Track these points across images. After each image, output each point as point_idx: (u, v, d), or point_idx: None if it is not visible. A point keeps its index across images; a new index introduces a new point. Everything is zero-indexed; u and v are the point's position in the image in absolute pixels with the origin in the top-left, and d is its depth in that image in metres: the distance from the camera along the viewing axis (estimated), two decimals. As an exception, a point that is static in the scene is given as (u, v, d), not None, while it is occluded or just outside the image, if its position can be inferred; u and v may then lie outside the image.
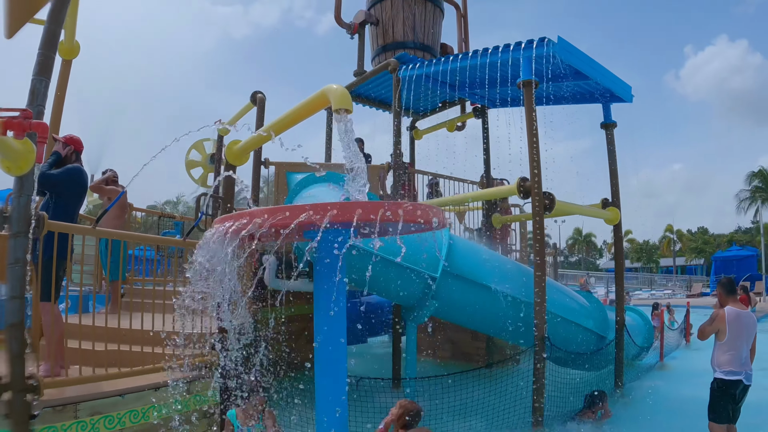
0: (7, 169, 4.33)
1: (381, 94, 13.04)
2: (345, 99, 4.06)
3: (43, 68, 4.74)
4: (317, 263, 3.75)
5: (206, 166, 13.52)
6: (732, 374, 6.21)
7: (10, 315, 4.52)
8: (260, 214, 3.14)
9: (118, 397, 5.29)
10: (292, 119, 5.16)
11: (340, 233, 3.49)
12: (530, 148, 7.62)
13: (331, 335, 3.77)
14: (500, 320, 7.67)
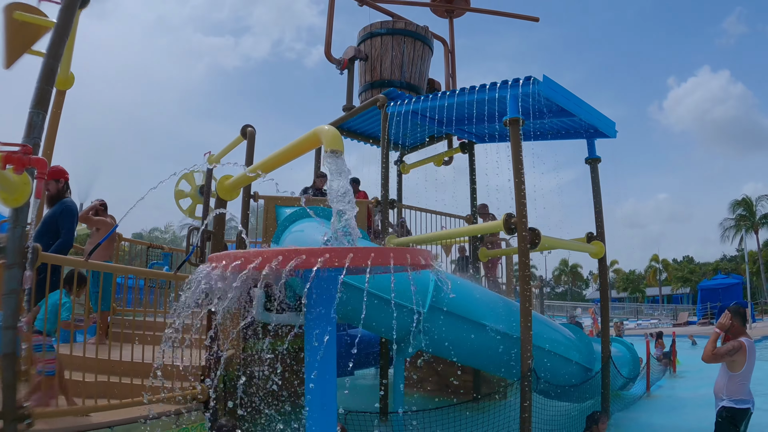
0: (4, 201, 4.46)
1: (368, 128, 13.23)
2: (336, 140, 4.18)
3: (41, 101, 4.88)
4: (309, 303, 3.83)
5: (195, 197, 13.57)
6: (742, 403, 6.28)
7: (4, 345, 4.57)
8: (255, 257, 3.23)
9: (108, 429, 5.32)
10: (283, 158, 5.28)
11: (332, 274, 3.58)
12: (516, 185, 7.75)
13: (322, 372, 3.83)
14: (487, 354, 7.75)
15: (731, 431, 6.29)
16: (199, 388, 6.43)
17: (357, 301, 6.05)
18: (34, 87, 4.94)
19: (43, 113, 4.86)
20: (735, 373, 6.29)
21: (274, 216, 9.24)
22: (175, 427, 5.98)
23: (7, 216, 4.84)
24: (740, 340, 6.35)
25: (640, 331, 25.35)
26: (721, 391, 6.41)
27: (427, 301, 7.17)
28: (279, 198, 9.60)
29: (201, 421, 6.34)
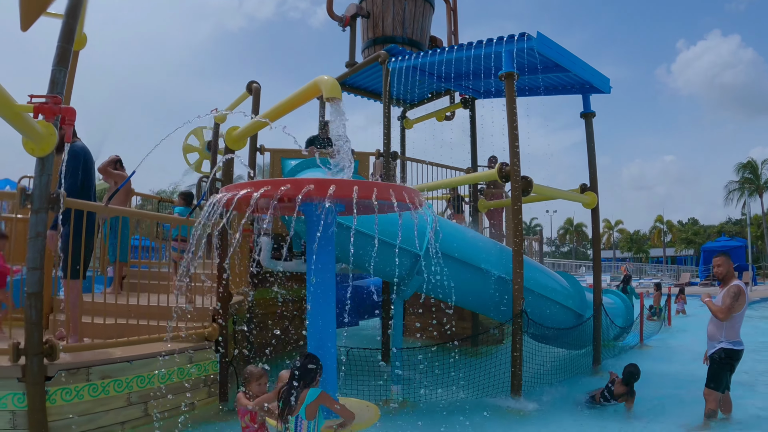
0: (31, 151, 4.83)
1: (372, 84, 13.45)
2: (335, 89, 4.54)
3: (62, 59, 5.13)
4: (311, 232, 4.20)
5: (203, 153, 13.93)
6: (738, 344, 6.63)
7: (30, 285, 4.94)
8: (265, 185, 3.61)
9: (127, 363, 5.73)
10: (287, 107, 5.62)
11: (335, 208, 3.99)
12: (510, 136, 8.10)
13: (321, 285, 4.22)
14: (481, 295, 8.17)
15: (727, 370, 6.66)
16: (210, 329, 6.88)
17: (359, 244, 6.49)
18: (56, 46, 5.17)
19: (64, 70, 5.10)
20: (733, 314, 6.57)
21: (279, 168, 9.58)
22: (189, 364, 6.45)
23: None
24: (736, 284, 6.62)
25: (641, 289, 25.76)
26: (719, 334, 6.66)
27: (424, 244, 7.56)
28: (284, 151, 9.93)
29: (213, 359, 6.81)
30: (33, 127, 4.55)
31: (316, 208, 3.90)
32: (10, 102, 4.13)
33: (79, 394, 5.24)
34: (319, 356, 4.22)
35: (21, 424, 4.85)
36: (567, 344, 10.17)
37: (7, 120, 4.24)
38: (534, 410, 7.44)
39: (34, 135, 4.63)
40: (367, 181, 3.76)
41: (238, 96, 12.12)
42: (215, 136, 13.35)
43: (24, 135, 4.63)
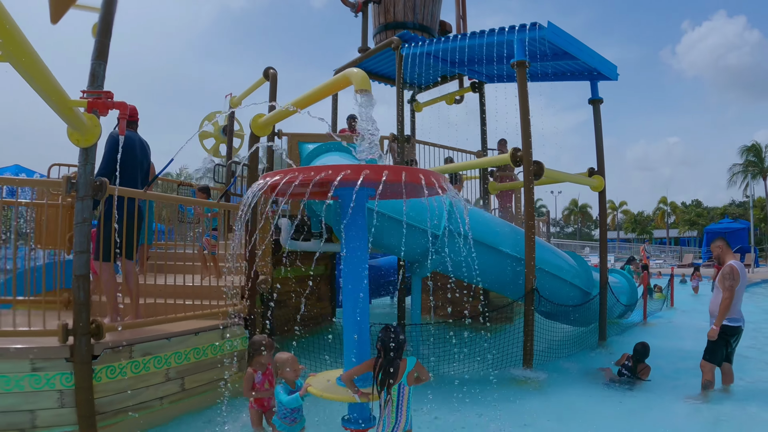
0: (76, 142, 5.13)
1: (383, 68, 13.70)
2: (365, 81, 4.83)
3: (101, 53, 5.33)
4: (346, 214, 4.54)
5: (218, 137, 14.23)
6: (734, 321, 7.02)
7: (78, 267, 5.20)
8: (308, 171, 3.94)
9: (165, 340, 6.07)
10: (315, 97, 5.93)
11: (366, 191, 4.32)
12: (523, 122, 8.44)
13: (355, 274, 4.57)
14: (495, 274, 8.54)
15: (722, 345, 7.04)
16: (240, 306, 7.26)
17: (381, 226, 6.84)
18: (95, 41, 5.39)
19: (104, 64, 5.30)
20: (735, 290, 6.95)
21: (297, 152, 9.86)
22: (221, 340, 6.83)
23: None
24: (729, 264, 7.04)
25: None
26: (716, 311, 7.06)
27: (441, 225, 7.91)
28: (301, 135, 10.21)
29: (243, 335, 7.19)
30: (81, 120, 4.87)
31: (352, 192, 4.21)
32: (65, 98, 4.42)
33: (122, 372, 5.52)
34: (356, 330, 4.60)
35: (68, 402, 5.08)
36: (574, 321, 10.54)
37: (60, 113, 4.55)
38: (544, 381, 7.87)
39: (82, 127, 4.93)
40: (416, 168, 4.11)
41: (254, 82, 12.42)
42: (231, 120, 13.66)
43: (72, 127, 4.91)
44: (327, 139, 9.30)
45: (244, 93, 13.18)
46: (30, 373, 4.97)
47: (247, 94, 13.14)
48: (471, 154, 13.13)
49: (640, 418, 6.53)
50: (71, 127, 4.96)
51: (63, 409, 5.07)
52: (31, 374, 4.97)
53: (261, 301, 7.52)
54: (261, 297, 7.54)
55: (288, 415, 4.93)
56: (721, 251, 7.34)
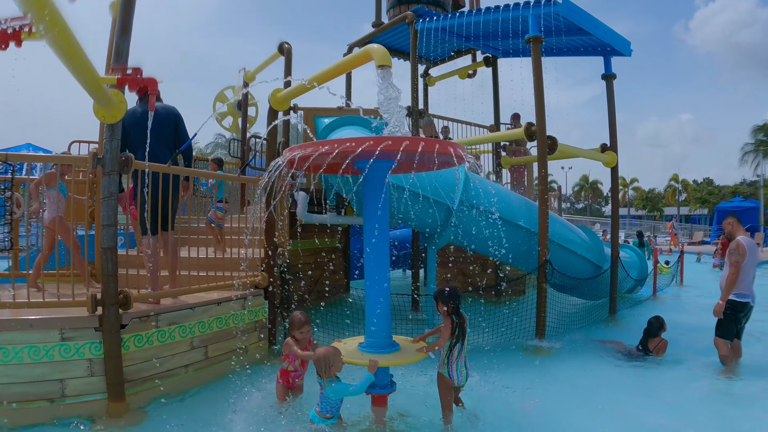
0: (102, 118, 5.26)
1: (396, 43, 13.69)
2: (386, 57, 4.94)
3: (124, 30, 5.40)
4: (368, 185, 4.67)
5: (234, 113, 14.32)
6: (742, 296, 7.04)
7: (106, 240, 5.36)
8: (349, 142, 4.06)
9: (190, 309, 6.27)
10: (335, 72, 6.05)
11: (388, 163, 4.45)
12: (537, 98, 8.52)
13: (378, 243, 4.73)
14: (509, 246, 8.68)
15: (731, 319, 7.10)
16: (260, 277, 7.43)
17: (400, 199, 7.00)
18: (118, 17, 5.46)
19: (127, 40, 5.37)
20: (742, 266, 6.97)
21: (313, 126, 9.96)
22: (242, 309, 7.02)
23: None
24: (737, 239, 7.09)
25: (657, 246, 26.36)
26: (723, 285, 7.15)
27: (457, 198, 8.04)
28: (317, 109, 10.29)
29: (262, 305, 7.38)
30: (109, 96, 4.99)
31: (375, 165, 4.33)
32: (95, 74, 4.56)
33: (149, 340, 5.72)
34: (377, 301, 4.80)
35: (98, 371, 5.25)
36: (585, 294, 10.69)
37: (89, 90, 4.68)
38: (556, 351, 8.10)
39: (109, 103, 5.05)
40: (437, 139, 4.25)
41: (268, 56, 12.49)
42: (245, 95, 13.74)
43: (100, 103, 5.02)
44: (343, 113, 9.39)
45: (259, 67, 13.25)
46: (60, 343, 5.13)
47: (262, 69, 13.21)
48: (484, 128, 13.20)
49: (647, 384, 6.76)
50: (98, 104, 5.06)
51: (92, 377, 5.25)
52: (61, 344, 5.14)
53: (279, 272, 7.68)
54: (279, 269, 7.71)
55: (334, 406, 4.84)
56: (732, 228, 7.40)
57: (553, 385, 6.54)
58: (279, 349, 7.52)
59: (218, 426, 5.09)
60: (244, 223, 8.12)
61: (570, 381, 6.75)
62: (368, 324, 4.99)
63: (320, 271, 10.43)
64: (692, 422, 5.44)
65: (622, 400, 6.08)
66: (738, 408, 5.96)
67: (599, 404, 5.94)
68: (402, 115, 4.60)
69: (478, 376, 6.46)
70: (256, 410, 5.42)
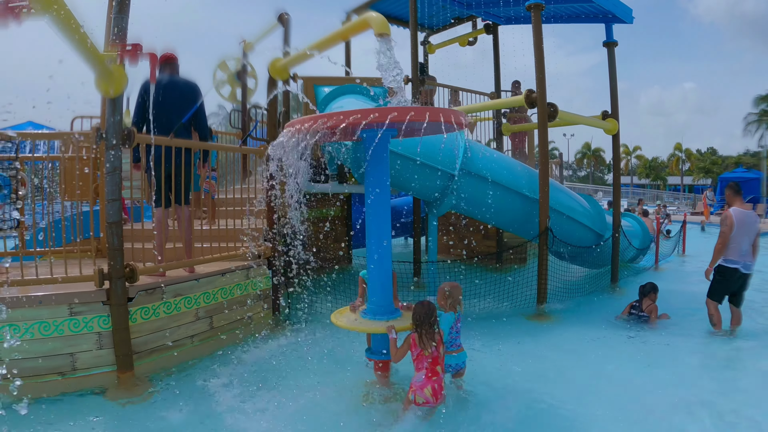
0: (105, 92, 5.28)
1: (396, 10, 13.53)
2: (384, 25, 4.91)
3: (122, 8, 5.36)
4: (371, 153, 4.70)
5: (233, 83, 14.23)
6: (731, 263, 7.40)
7: (111, 215, 5.42)
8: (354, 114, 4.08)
9: (194, 281, 6.33)
10: (333, 40, 6.01)
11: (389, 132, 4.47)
12: (537, 65, 8.47)
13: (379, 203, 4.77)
14: (510, 214, 8.72)
15: (721, 284, 7.54)
16: (263, 247, 7.50)
17: (401, 165, 7.01)
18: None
19: (125, 18, 5.34)
20: (730, 236, 7.37)
21: (313, 95, 9.93)
22: (246, 280, 7.09)
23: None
24: (728, 210, 7.53)
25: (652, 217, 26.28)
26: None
27: (458, 165, 8.06)
28: (316, 78, 10.25)
29: (266, 275, 7.44)
30: (110, 71, 5.01)
31: (377, 133, 4.36)
32: (96, 50, 4.61)
33: (155, 312, 5.81)
34: (379, 270, 4.86)
35: (106, 344, 5.35)
36: (587, 263, 10.73)
37: (92, 65, 4.73)
38: (557, 317, 8.23)
39: (110, 77, 5.06)
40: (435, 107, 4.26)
41: (267, 27, 12.36)
42: (243, 65, 13.64)
43: (101, 78, 5.05)
44: (342, 81, 9.35)
45: (258, 37, 13.13)
46: (69, 317, 5.22)
47: (261, 38, 13.10)
48: (485, 95, 13.15)
49: (646, 349, 6.91)
50: (101, 79, 5.07)
51: (101, 350, 5.36)
52: (70, 318, 5.22)
53: (283, 242, 7.73)
54: (283, 238, 7.76)
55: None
56: (728, 198, 7.77)
57: (552, 352, 6.65)
58: (282, 317, 7.61)
59: (223, 393, 5.20)
60: (246, 194, 8.11)
61: (568, 347, 6.87)
62: (371, 293, 5.07)
63: (323, 240, 10.47)
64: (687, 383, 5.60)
65: (619, 366, 6.24)
66: (733, 369, 6.19)
67: (596, 370, 6.08)
68: (401, 80, 4.59)
69: (477, 341, 6.60)
70: (259, 377, 5.57)
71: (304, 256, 7.12)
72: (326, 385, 5.33)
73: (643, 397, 5.27)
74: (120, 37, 5.27)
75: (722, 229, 7.40)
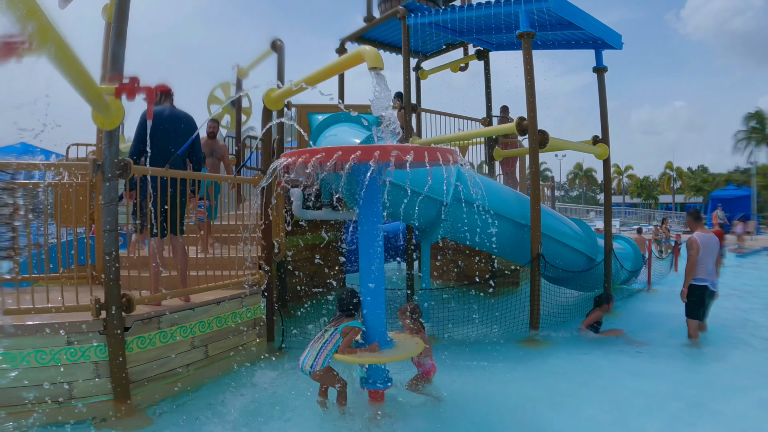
0: (101, 125, 5.34)
1: (388, 37, 13.72)
2: (378, 59, 5.01)
3: (119, 36, 5.46)
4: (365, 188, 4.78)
5: (226, 107, 14.34)
6: (700, 281, 8.21)
7: (108, 245, 5.45)
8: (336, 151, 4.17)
9: (190, 310, 6.36)
10: (327, 73, 6.11)
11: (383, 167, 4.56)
12: (528, 92, 8.61)
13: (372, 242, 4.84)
14: (502, 240, 8.78)
15: (694, 301, 8.28)
16: (258, 275, 7.49)
17: (393, 195, 7.09)
18: (113, 24, 5.53)
19: (123, 46, 5.43)
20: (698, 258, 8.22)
21: (306, 122, 10.02)
22: (240, 308, 7.12)
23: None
24: (692, 236, 8.36)
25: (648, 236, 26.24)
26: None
27: (449, 194, 8.15)
28: (311, 106, 10.35)
29: (260, 303, 7.48)
30: (107, 104, 5.07)
31: (368, 168, 4.44)
32: (94, 84, 4.66)
33: (152, 342, 5.83)
34: (373, 303, 4.98)
35: (103, 373, 5.36)
36: (579, 286, 10.81)
37: (88, 99, 4.78)
38: (550, 342, 8.27)
39: (107, 111, 5.13)
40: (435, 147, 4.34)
41: (261, 53, 12.50)
42: (238, 91, 13.76)
43: (98, 112, 5.10)
44: (336, 109, 9.44)
45: (251, 64, 13.27)
46: (66, 347, 5.23)
47: (255, 65, 13.23)
48: (476, 121, 13.29)
49: (637, 370, 7.03)
50: (98, 112, 5.14)
51: (98, 379, 5.36)
52: (67, 347, 5.24)
53: (277, 269, 7.78)
54: (277, 265, 7.81)
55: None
56: (690, 224, 8.87)
57: (547, 378, 6.68)
58: (277, 345, 7.64)
59: (219, 422, 5.22)
60: (240, 221, 8.17)
61: (561, 373, 6.89)
62: (366, 324, 5.13)
63: (315, 267, 10.52)
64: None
65: (613, 389, 6.27)
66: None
67: (591, 395, 6.12)
68: (393, 117, 4.68)
69: (466, 367, 6.68)
70: (255, 406, 5.60)
71: (297, 284, 7.18)
72: (322, 415, 5.34)
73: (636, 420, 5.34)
74: (117, 68, 5.34)
75: (690, 252, 8.21)
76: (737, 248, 23.94)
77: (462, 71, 14.43)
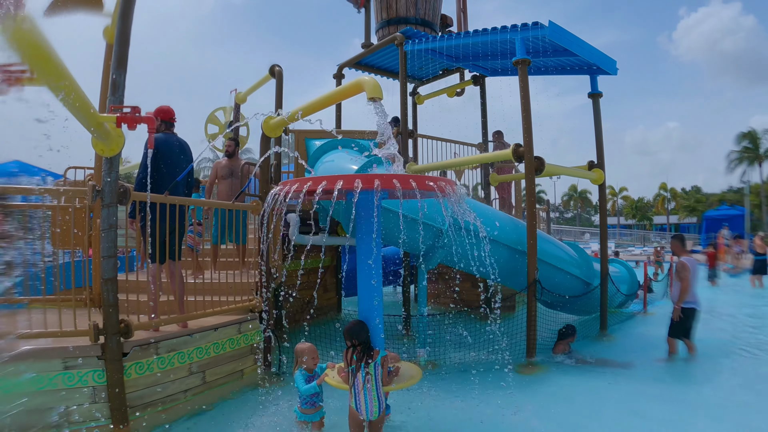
0: (101, 152, 5.38)
1: (385, 63, 13.91)
2: (377, 90, 5.11)
3: (120, 63, 5.50)
4: (360, 215, 4.83)
5: (223, 130, 14.43)
6: (690, 304, 8.73)
7: (106, 271, 5.46)
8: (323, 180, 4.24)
9: (188, 336, 6.37)
10: (326, 102, 6.20)
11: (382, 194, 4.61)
12: (524, 118, 8.68)
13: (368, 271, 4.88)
14: (499, 266, 8.81)
15: (683, 322, 8.71)
16: (255, 301, 7.54)
17: (391, 221, 7.15)
18: (114, 51, 5.56)
19: (123, 73, 5.49)
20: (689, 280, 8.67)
21: (304, 148, 10.08)
22: (238, 334, 7.12)
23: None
24: (681, 260, 8.82)
25: (645, 257, 26.16)
26: (675, 297, 8.87)
27: (446, 221, 8.20)
28: (308, 131, 10.42)
29: (257, 329, 7.47)
30: (108, 132, 5.11)
31: (370, 195, 4.50)
32: (95, 113, 4.69)
33: (150, 367, 5.82)
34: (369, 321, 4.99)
35: (101, 398, 5.35)
36: (575, 311, 10.84)
37: (88, 127, 4.79)
38: (546, 369, 8.22)
39: (107, 137, 5.17)
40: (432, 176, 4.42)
41: (260, 78, 12.62)
42: (236, 116, 13.87)
43: (99, 139, 5.12)
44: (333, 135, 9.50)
45: (250, 89, 13.39)
46: (63, 371, 5.23)
47: (253, 90, 13.35)
48: (472, 146, 13.37)
49: (631, 397, 6.98)
50: (99, 139, 5.16)
51: (96, 404, 5.34)
52: (64, 372, 5.23)
53: (273, 294, 7.80)
54: (274, 290, 7.83)
55: (308, 400, 5.32)
56: (676, 249, 9.18)
57: (546, 404, 6.66)
58: (274, 371, 7.64)
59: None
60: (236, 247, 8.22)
61: (560, 398, 6.89)
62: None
63: (311, 291, 10.52)
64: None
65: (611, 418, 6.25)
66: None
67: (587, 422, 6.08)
68: (392, 145, 4.76)
69: (459, 394, 6.70)
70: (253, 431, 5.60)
71: (295, 309, 7.20)
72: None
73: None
74: (118, 96, 5.39)
75: (683, 274, 8.65)
76: (733, 268, 24.03)
77: (458, 96, 14.57)
